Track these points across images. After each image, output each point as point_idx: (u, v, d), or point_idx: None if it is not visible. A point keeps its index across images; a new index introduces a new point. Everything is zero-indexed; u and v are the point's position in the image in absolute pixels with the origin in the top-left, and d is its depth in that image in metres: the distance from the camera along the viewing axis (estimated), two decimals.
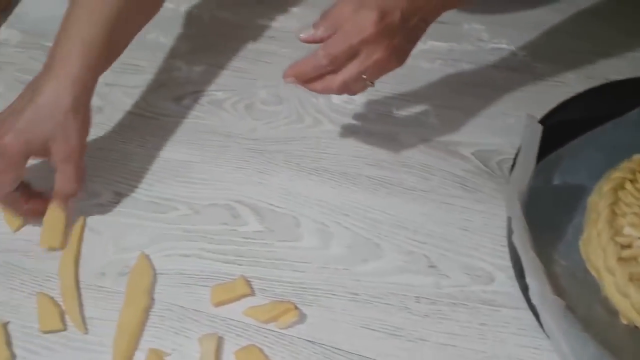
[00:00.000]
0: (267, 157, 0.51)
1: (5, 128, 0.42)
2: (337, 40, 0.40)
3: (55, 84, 0.42)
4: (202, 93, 0.56)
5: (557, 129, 0.49)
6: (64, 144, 0.42)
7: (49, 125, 0.42)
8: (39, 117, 0.42)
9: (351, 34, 0.40)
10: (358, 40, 0.40)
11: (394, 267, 0.45)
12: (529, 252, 0.37)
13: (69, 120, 0.42)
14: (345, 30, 0.40)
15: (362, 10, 0.39)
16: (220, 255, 0.45)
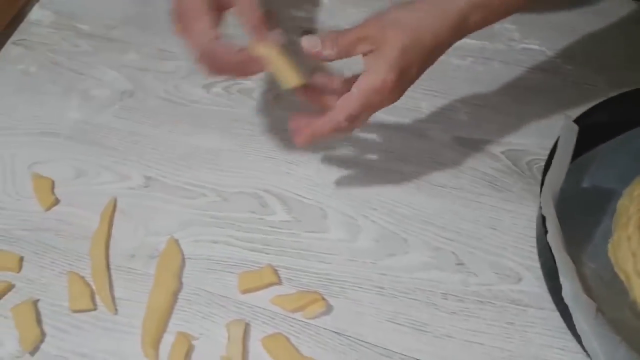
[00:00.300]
0: (295, 148, 0.51)
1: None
2: (355, 101, 0.39)
3: None
4: (233, 81, 0.56)
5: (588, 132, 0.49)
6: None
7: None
8: None
9: (369, 94, 0.39)
10: (377, 100, 0.39)
11: (421, 262, 0.45)
12: (562, 252, 0.37)
13: None
14: (363, 90, 0.39)
15: (382, 70, 0.38)
16: (248, 243, 0.45)
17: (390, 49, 0.38)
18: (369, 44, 0.39)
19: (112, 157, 0.50)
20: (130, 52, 0.58)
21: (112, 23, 0.60)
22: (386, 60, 0.38)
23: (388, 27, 0.38)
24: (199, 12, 0.39)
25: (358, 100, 0.39)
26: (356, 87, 0.39)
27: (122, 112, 0.53)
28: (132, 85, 0.55)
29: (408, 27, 0.38)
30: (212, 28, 0.39)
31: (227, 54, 0.39)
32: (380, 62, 0.38)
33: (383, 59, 0.38)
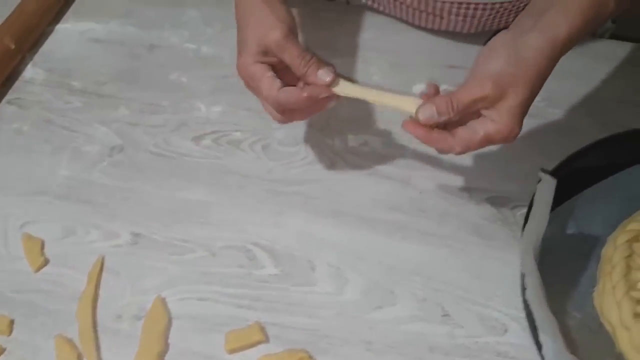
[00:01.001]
0: (284, 198, 0.52)
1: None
2: (477, 143, 0.41)
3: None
4: (221, 133, 0.57)
5: (572, 177, 0.49)
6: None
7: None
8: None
9: (494, 139, 0.41)
10: (498, 142, 0.41)
11: (408, 315, 0.45)
12: (544, 308, 0.37)
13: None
14: (489, 135, 0.40)
15: (508, 121, 0.40)
16: (236, 300, 0.46)
17: (512, 103, 0.40)
18: (488, 103, 0.40)
19: (101, 214, 0.51)
20: (121, 107, 0.59)
21: (103, 79, 0.62)
22: (510, 112, 0.40)
23: (507, 86, 0.40)
24: (260, 76, 0.43)
25: (480, 143, 0.41)
26: (483, 129, 0.40)
27: (111, 168, 0.54)
28: (122, 140, 0.56)
29: (525, 82, 0.40)
30: (273, 84, 0.43)
31: (292, 97, 0.43)
32: (503, 114, 0.40)
33: (507, 111, 0.40)
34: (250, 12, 0.45)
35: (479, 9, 0.58)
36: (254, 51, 0.43)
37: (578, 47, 0.62)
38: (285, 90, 0.43)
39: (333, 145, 0.56)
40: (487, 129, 0.40)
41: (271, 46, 0.43)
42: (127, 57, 0.64)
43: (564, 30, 0.40)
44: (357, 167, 0.55)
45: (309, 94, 0.42)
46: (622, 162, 0.49)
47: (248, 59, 0.43)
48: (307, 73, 0.42)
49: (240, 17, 0.46)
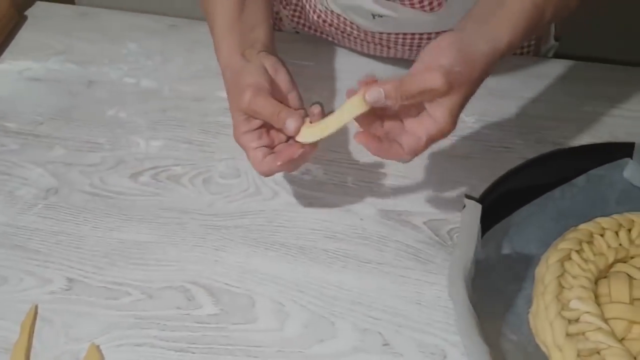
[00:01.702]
0: (224, 233, 0.52)
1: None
2: (423, 147, 0.42)
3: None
4: (161, 168, 0.57)
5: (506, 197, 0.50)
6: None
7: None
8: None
9: (435, 138, 0.42)
10: (438, 140, 0.42)
11: (349, 347, 0.45)
12: (473, 337, 0.37)
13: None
14: (431, 137, 0.42)
15: (447, 119, 0.41)
16: (173, 343, 0.45)
17: (456, 100, 0.41)
18: (434, 96, 0.41)
19: (35, 260, 0.50)
20: (57, 147, 0.58)
21: (39, 119, 0.61)
22: (451, 110, 0.41)
23: (455, 83, 0.41)
24: (247, 149, 0.46)
25: (425, 146, 0.42)
26: (425, 133, 0.42)
27: (46, 211, 0.53)
28: (57, 181, 0.55)
29: (469, 82, 0.42)
30: (256, 156, 0.45)
31: (272, 166, 0.45)
32: (445, 111, 0.41)
33: (448, 109, 0.41)
34: (227, 85, 0.48)
35: (424, 39, 0.59)
36: (239, 121, 0.45)
37: (519, 66, 0.64)
38: (265, 162, 0.45)
39: (275, 175, 0.56)
40: (429, 131, 0.42)
41: (248, 111, 0.45)
42: (65, 95, 0.63)
43: (506, 40, 0.42)
44: (299, 197, 0.55)
45: (282, 161, 0.44)
46: (554, 180, 0.51)
47: (236, 130, 0.46)
48: (280, 127, 0.44)
49: (225, 86, 0.49)
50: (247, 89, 0.44)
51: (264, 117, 0.44)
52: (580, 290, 0.43)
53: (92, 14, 0.73)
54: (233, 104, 0.46)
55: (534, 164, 0.52)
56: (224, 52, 0.49)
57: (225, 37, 0.50)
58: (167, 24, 0.71)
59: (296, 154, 0.44)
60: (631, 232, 0.47)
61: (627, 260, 0.46)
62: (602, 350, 0.41)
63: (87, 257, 0.50)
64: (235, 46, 0.48)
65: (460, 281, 0.39)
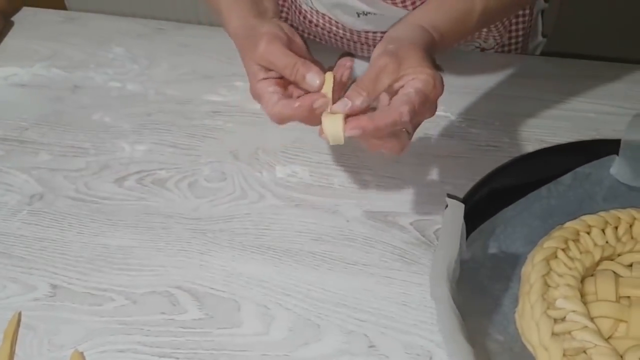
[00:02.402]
0: (210, 237, 0.51)
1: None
2: (418, 99, 0.39)
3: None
4: (146, 172, 0.56)
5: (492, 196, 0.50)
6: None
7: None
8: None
9: (428, 94, 0.39)
10: (433, 98, 0.40)
11: (334, 349, 0.44)
12: (456, 337, 0.37)
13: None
14: (421, 91, 0.39)
15: (430, 69, 0.40)
16: (157, 349, 0.44)
17: (415, 54, 0.40)
18: (391, 70, 0.40)
19: (19, 267, 0.49)
20: (42, 152, 0.58)
21: (24, 124, 0.60)
22: (420, 62, 0.40)
23: (398, 50, 0.40)
24: (262, 93, 0.43)
25: (419, 100, 0.39)
26: (412, 87, 0.39)
27: (30, 217, 0.53)
28: (41, 187, 0.55)
29: (410, 43, 0.41)
30: (270, 98, 0.42)
31: (287, 109, 0.42)
32: (416, 66, 0.40)
33: (417, 62, 0.40)
34: (241, 42, 0.45)
35: None
36: (255, 71, 0.43)
37: (505, 64, 0.64)
38: (280, 104, 0.42)
39: (261, 177, 0.56)
40: (415, 85, 0.40)
41: (259, 60, 0.43)
42: (51, 100, 0.63)
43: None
44: (285, 199, 0.54)
45: (301, 103, 0.41)
46: (540, 179, 0.50)
47: (252, 80, 0.44)
48: (296, 79, 0.42)
49: (238, 49, 0.46)
50: (262, 37, 0.42)
51: (278, 67, 0.42)
52: (566, 289, 0.42)
53: (80, 19, 0.73)
54: (246, 57, 0.44)
55: (520, 163, 0.52)
56: (233, 18, 0.47)
57: (236, 4, 0.47)
58: (153, 27, 0.70)
59: (317, 103, 0.41)
60: (618, 230, 0.47)
61: (614, 257, 0.46)
62: (589, 349, 0.40)
63: (72, 263, 0.49)
64: (247, 11, 0.47)
65: (442, 281, 0.39)
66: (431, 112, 0.42)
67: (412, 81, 0.40)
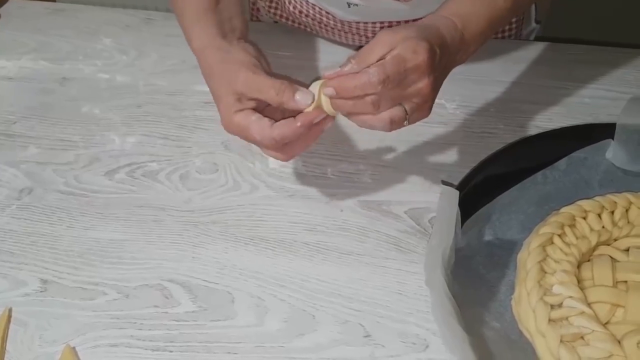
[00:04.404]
0: (202, 229, 0.51)
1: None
2: (391, 62, 0.38)
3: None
4: (136, 165, 0.55)
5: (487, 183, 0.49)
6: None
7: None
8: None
9: (405, 58, 0.38)
10: (412, 64, 0.38)
11: (329, 340, 0.44)
12: (451, 324, 0.37)
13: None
14: (398, 55, 0.38)
15: (413, 39, 0.38)
16: (150, 343, 0.44)
17: (412, 28, 0.39)
18: (384, 42, 0.39)
19: (8, 262, 0.48)
20: (30, 146, 0.57)
21: (12, 118, 0.59)
22: (413, 33, 0.39)
23: (403, 25, 0.39)
24: (247, 123, 0.41)
25: (392, 60, 0.37)
26: (390, 55, 0.38)
27: (19, 212, 0.52)
28: (30, 181, 0.54)
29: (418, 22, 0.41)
30: (262, 124, 0.41)
31: (286, 130, 0.40)
32: (407, 37, 0.38)
33: (411, 35, 0.38)
34: (211, 65, 0.44)
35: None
36: (230, 102, 0.42)
37: (499, 50, 0.63)
38: (278, 126, 0.40)
39: (254, 168, 0.55)
40: (393, 52, 0.38)
41: (241, 90, 0.41)
42: (39, 93, 0.62)
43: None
44: (278, 190, 0.53)
45: (302, 122, 0.40)
46: (535, 165, 0.50)
47: (228, 112, 0.42)
48: (284, 101, 0.41)
49: (205, 73, 0.45)
50: (241, 67, 0.41)
51: (263, 93, 0.41)
52: (562, 275, 0.42)
53: (67, 10, 0.72)
54: (222, 86, 0.42)
55: (514, 149, 0.51)
56: (200, 34, 0.46)
57: (200, 21, 0.46)
58: (142, 18, 0.69)
59: (318, 118, 0.40)
60: (614, 214, 0.47)
61: (610, 242, 0.45)
62: (586, 335, 0.40)
63: (62, 257, 0.49)
64: (214, 29, 0.45)
65: (437, 269, 0.38)
66: (424, 84, 0.39)
67: (394, 50, 0.38)
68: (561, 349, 0.39)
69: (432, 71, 0.39)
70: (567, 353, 0.39)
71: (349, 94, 0.39)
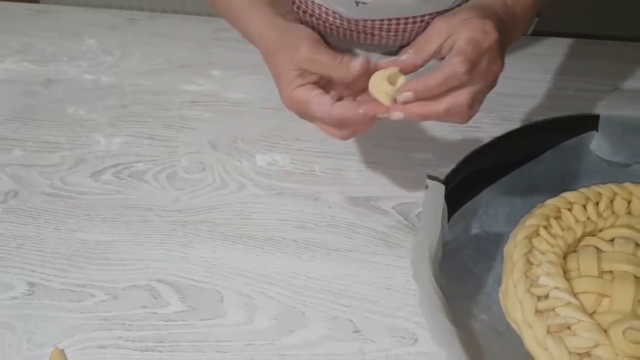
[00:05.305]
0: (190, 228, 0.50)
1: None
2: (469, 46, 0.36)
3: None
4: (123, 166, 0.55)
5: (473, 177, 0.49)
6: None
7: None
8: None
9: (478, 39, 0.36)
10: (487, 45, 0.37)
11: (319, 336, 0.44)
12: (438, 317, 0.37)
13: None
14: (471, 38, 0.36)
15: (476, 20, 0.37)
16: (139, 343, 0.43)
17: (466, 11, 0.38)
18: (441, 30, 0.38)
19: None
20: (15, 149, 0.56)
21: None
22: (470, 14, 0.37)
23: (455, 11, 0.38)
24: (307, 98, 0.40)
25: (468, 45, 0.36)
26: (460, 39, 0.36)
27: (5, 215, 0.51)
28: (16, 184, 0.53)
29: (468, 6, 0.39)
30: (323, 101, 0.40)
31: (347, 112, 0.39)
32: (465, 20, 0.37)
33: (469, 17, 0.37)
34: (271, 42, 0.43)
35: (409, 23, 0.58)
36: (291, 77, 0.41)
37: None
38: (339, 105, 0.39)
39: (241, 167, 0.55)
40: (463, 36, 0.37)
41: (303, 64, 0.40)
42: (23, 95, 0.61)
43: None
44: (266, 188, 0.53)
45: (365, 110, 0.38)
46: (521, 158, 0.50)
47: (288, 87, 0.41)
48: (347, 73, 0.39)
49: (265, 52, 0.44)
50: (303, 41, 0.40)
51: (324, 65, 0.39)
52: (548, 266, 0.42)
53: (51, 12, 0.71)
54: (283, 61, 0.41)
55: (500, 142, 0.51)
56: (255, 18, 0.45)
57: (255, 5, 0.45)
58: (125, 18, 0.69)
59: (382, 115, 0.38)
60: (599, 205, 0.47)
61: (595, 233, 0.46)
62: (573, 325, 0.40)
63: (49, 260, 0.48)
64: (272, 13, 0.45)
65: (424, 263, 0.39)
66: (498, 66, 0.38)
67: (460, 34, 0.37)
68: (548, 340, 0.39)
69: (503, 50, 0.38)
70: (554, 343, 0.39)
71: (433, 92, 0.37)
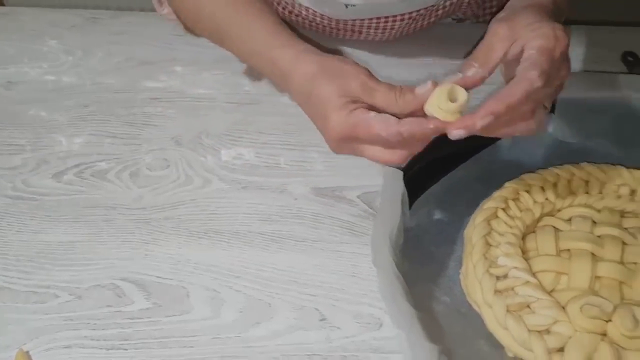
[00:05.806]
0: (154, 226, 0.50)
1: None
2: (543, 57, 0.35)
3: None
4: (85, 165, 0.55)
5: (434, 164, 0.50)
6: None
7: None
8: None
9: (550, 47, 0.35)
10: (559, 52, 0.35)
11: (285, 326, 0.44)
12: (398, 300, 0.37)
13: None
14: (543, 46, 0.35)
15: (545, 25, 0.36)
16: (104, 342, 0.43)
17: (528, 13, 0.37)
18: (503, 36, 0.37)
19: None
20: None
21: None
22: (535, 18, 0.37)
23: (512, 12, 0.38)
24: (366, 120, 0.38)
25: (539, 55, 0.35)
26: (532, 48, 0.35)
27: None
28: None
29: (524, 4, 0.39)
30: (387, 119, 0.38)
31: (416, 128, 0.38)
32: (531, 24, 0.36)
33: (534, 20, 0.36)
34: (314, 68, 0.41)
35: (397, 20, 0.58)
36: (341, 104, 0.39)
37: (437, 32, 0.64)
38: (407, 122, 0.37)
39: (206, 162, 0.55)
40: (534, 44, 0.35)
41: (357, 92, 0.39)
42: None
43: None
44: (231, 182, 0.53)
45: (436, 125, 0.37)
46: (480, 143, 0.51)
47: (341, 112, 0.39)
48: (405, 102, 0.38)
49: (306, 78, 0.42)
50: (356, 69, 0.40)
51: (382, 95, 0.39)
52: (506, 247, 0.43)
53: (11, 14, 0.70)
54: (330, 92, 0.39)
55: None
56: (283, 44, 0.44)
57: (279, 34, 0.45)
58: (87, 17, 0.68)
59: (452, 133, 0.37)
60: (557, 186, 0.48)
61: (554, 213, 0.47)
62: (532, 304, 0.41)
63: (12, 262, 0.48)
64: (295, 40, 0.44)
65: (384, 248, 0.39)
66: (566, 70, 0.37)
67: (530, 41, 0.36)
68: (508, 319, 0.40)
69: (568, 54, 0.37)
70: (513, 322, 0.40)
71: (515, 112, 0.35)
